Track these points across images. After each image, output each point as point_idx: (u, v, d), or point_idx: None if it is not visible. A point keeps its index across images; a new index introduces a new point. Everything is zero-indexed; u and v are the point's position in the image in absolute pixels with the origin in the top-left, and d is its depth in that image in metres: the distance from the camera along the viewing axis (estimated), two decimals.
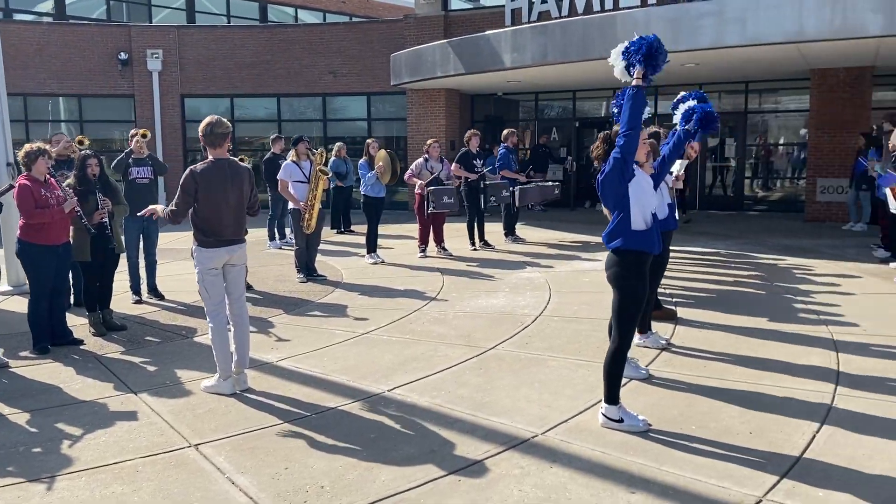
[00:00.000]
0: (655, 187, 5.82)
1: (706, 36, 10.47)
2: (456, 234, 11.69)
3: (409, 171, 10.53)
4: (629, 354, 5.26)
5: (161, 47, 18.67)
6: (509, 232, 12.06)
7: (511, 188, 11.34)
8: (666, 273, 8.70)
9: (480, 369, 5.39)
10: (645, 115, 5.46)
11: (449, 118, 16.93)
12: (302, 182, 8.86)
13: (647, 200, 4.10)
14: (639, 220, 4.08)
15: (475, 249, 11.09)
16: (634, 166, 4.13)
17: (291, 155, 9.06)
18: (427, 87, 16.20)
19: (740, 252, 10.41)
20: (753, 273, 8.80)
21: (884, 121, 10.72)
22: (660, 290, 7.78)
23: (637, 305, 4.13)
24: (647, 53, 4.02)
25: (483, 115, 18.71)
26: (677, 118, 5.68)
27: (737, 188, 16.55)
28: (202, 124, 4.90)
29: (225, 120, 4.96)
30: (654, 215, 4.14)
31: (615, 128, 4.22)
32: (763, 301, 7.39)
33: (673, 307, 7.07)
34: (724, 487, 3.49)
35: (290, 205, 9.02)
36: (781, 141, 17.04)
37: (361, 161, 10.45)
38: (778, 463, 3.74)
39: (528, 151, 18.42)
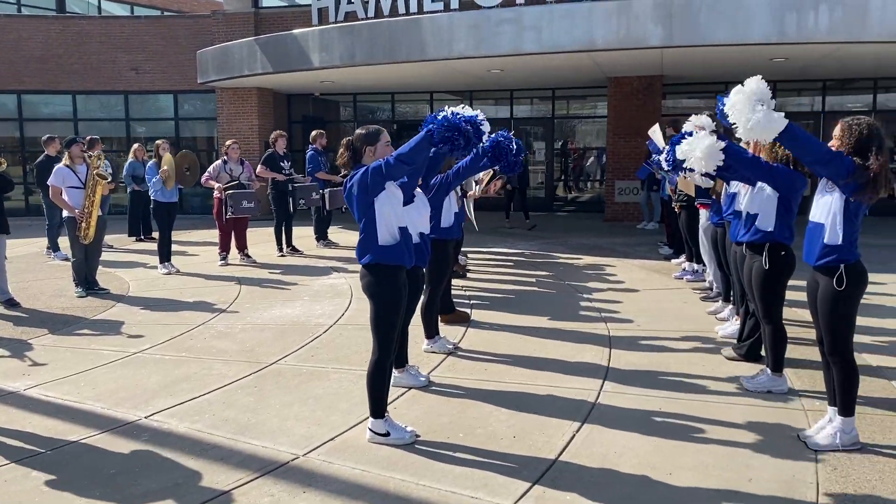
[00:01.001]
0: (443, 198, 5.80)
1: (506, 42, 10.72)
2: (268, 238, 11.20)
3: (206, 173, 9.93)
4: (410, 362, 5.20)
5: None
6: (321, 236, 11.74)
7: (321, 190, 11.03)
8: (468, 275, 8.87)
9: (255, 387, 5.07)
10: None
11: (262, 118, 16.33)
12: (77, 188, 8.07)
13: (394, 215, 3.94)
14: (385, 235, 3.93)
15: (282, 255, 10.69)
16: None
17: (65, 158, 8.23)
18: (237, 85, 15.52)
19: (542, 252, 10.77)
20: (550, 273, 9.10)
21: (668, 126, 11.49)
22: (458, 292, 7.86)
23: (392, 317, 3.99)
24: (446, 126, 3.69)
25: (301, 116, 18.25)
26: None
27: (546, 190, 17.24)
28: None
29: None
30: (403, 229, 3.99)
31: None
32: (553, 300, 7.62)
33: (468, 310, 7.11)
34: (478, 498, 3.44)
35: (66, 213, 8.18)
36: (586, 145, 17.97)
37: (150, 164, 9.70)
38: (534, 467, 3.75)
39: None
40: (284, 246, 10.81)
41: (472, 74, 13.55)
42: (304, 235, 11.68)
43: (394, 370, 4.90)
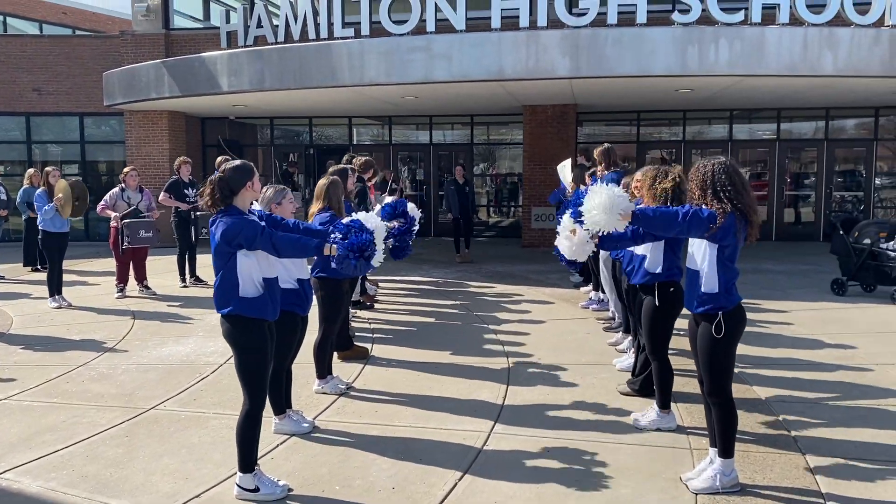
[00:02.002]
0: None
1: (417, 70, 10.66)
2: (172, 268, 10.72)
3: (102, 202, 9.47)
4: (300, 404, 4.98)
5: None
6: None
7: None
8: (376, 306, 8.68)
9: (126, 437, 4.73)
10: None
11: (174, 142, 15.80)
12: None
13: (259, 266, 3.73)
14: (248, 286, 3.72)
15: (185, 286, 10.26)
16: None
17: None
18: (146, 108, 14.99)
19: (456, 280, 10.66)
20: (459, 303, 8.98)
21: (580, 154, 11.64)
22: (362, 325, 7.67)
23: (258, 368, 3.76)
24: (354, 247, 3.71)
25: (216, 139, 17.75)
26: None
27: None
28: None
29: None
30: (270, 280, 3.79)
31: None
32: (458, 333, 7.49)
33: (369, 344, 6.90)
34: None
35: None
36: (505, 171, 18.09)
37: (39, 191, 9.15)
38: None
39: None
40: (187, 276, 10.40)
41: (387, 101, 13.45)
42: (210, 264, 11.25)
43: (274, 416, 4.69)
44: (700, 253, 3.76)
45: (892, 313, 8.20)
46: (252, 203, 4.15)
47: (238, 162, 3.84)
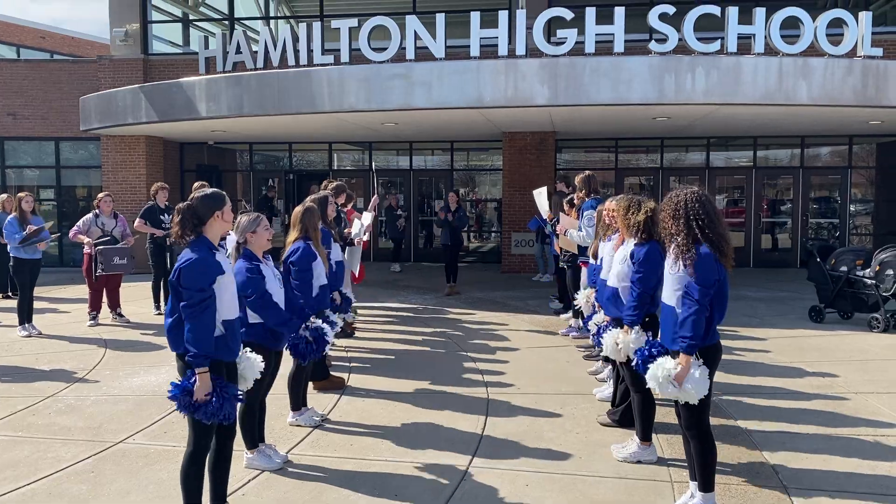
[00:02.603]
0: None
1: (396, 97, 10.65)
2: (147, 295, 10.56)
3: (74, 227, 9.33)
4: (268, 439, 4.85)
5: None
6: None
7: None
8: (356, 333, 8.58)
9: (92, 472, 4.58)
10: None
11: (151, 167, 15.65)
12: None
13: (221, 308, 3.64)
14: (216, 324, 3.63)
15: (159, 314, 10.08)
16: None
17: None
18: (123, 133, 14.86)
19: (436, 307, 10.58)
20: (439, 330, 8.90)
21: (560, 181, 11.67)
22: (340, 353, 7.56)
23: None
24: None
25: (195, 164, 17.63)
26: None
27: None
28: None
29: None
30: (231, 322, 3.69)
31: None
32: (437, 362, 7.39)
33: (346, 374, 6.79)
34: None
35: None
36: (485, 197, 18.12)
37: (10, 217, 8.98)
38: None
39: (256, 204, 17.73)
40: (162, 303, 10.22)
41: (367, 127, 13.45)
42: None
43: (245, 451, 4.57)
44: (679, 290, 3.71)
45: (869, 341, 8.23)
46: (228, 233, 4.07)
47: (209, 190, 3.75)
